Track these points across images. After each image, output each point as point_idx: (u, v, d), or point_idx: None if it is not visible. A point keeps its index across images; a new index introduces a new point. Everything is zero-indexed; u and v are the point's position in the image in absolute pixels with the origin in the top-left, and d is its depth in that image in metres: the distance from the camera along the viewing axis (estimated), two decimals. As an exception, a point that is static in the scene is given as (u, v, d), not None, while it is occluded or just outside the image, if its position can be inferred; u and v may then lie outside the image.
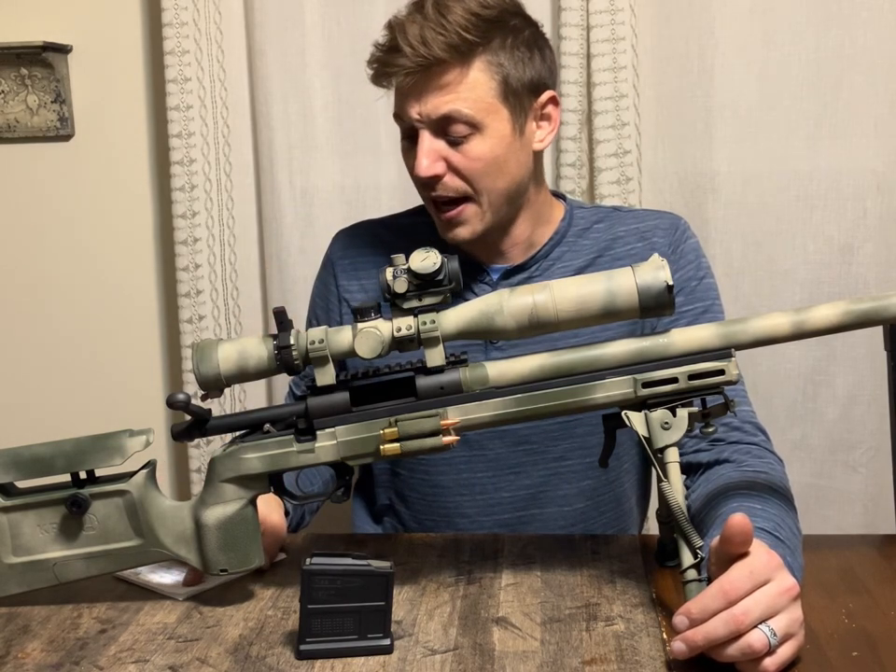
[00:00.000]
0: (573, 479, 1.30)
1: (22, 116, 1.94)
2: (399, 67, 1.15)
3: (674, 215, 1.33)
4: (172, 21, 1.79)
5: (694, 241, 1.30)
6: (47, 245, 2.00)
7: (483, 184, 1.20)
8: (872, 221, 1.72)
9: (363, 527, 1.41)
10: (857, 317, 0.95)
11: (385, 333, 0.97)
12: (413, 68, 1.15)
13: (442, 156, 1.19)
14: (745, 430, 1.19)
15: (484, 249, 1.29)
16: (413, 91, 1.17)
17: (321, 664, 0.90)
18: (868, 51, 1.67)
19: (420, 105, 1.17)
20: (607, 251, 1.29)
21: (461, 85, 1.16)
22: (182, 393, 0.97)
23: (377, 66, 1.19)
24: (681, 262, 1.27)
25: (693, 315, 1.24)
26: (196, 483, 1.92)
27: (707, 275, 1.29)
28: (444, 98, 1.16)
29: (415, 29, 1.15)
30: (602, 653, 0.90)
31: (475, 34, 1.15)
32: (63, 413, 2.01)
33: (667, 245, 1.28)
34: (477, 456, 1.29)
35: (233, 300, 1.90)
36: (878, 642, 0.91)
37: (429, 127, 1.18)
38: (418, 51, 1.14)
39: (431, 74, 1.16)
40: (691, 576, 0.91)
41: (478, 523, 1.31)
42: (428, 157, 1.18)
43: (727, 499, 1.04)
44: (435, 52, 1.14)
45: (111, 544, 1.02)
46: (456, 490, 1.30)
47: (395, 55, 1.15)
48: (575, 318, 0.96)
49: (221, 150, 1.85)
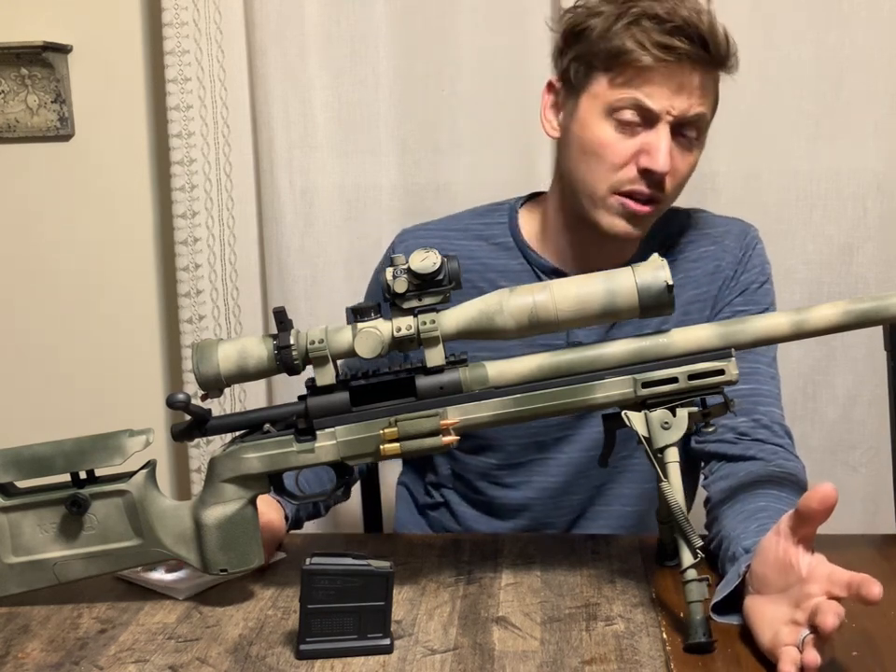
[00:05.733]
0: (637, 479, 1.30)
1: (22, 116, 1.94)
2: (679, 52, 1.10)
3: (744, 222, 1.33)
4: (172, 21, 1.78)
5: (761, 247, 1.31)
6: (47, 244, 1.99)
7: (675, 192, 1.19)
8: (872, 221, 1.72)
9: (405, 520, 1.40)
10: (857, 317, 0.96)
11: (385, 333, 0.97)
12: (697, 58, 1.11)
13: (672, 154, 1.15)
14: (773, 430, 1.19)
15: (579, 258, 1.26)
16: (675, 82, 1.12)
17: (321, 663, 0.90)
18: (868, 51, 1.67)
19: (678, 99, 1.13)
20: (679, 254, 1.28)
21: (711, 94, 1.16)
22: (182, 393, 0.97)
23: (646, 32, 1.11)
24: (748, 266, 1.28)
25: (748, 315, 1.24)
26: (196, 483, 1.92)
27: (768, 282, 1.30)
28: (701, 101, 1.14)
29: (707, 18, 1.11)
30: (602, 653, 0.90)
31: (736, 57, 1.16)
32: (63, 413, 2.00)
33: (738, 248, 1.28)
34: (550, 460, 1.29)
35: (233, 300, 1.90)
36: (878, 642, 0.91)
37: (671, 124, 1.14)
38: (714, 44, 1.11)
39: (703, 73, 1.13)
40: (691, 576, 0.92)
41: (544, 523, 1.31)
42: (669, 152, 1.14)
43: (755, 497, 1.04)
44: (721, 52, 1.13)
45: (111, 544, 1.02)
46: (527, 492, 1.30)
47: (680, 37, 1.10)
48: (575, 318, 0.96)
49: (221, 150, 1.85)
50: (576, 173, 1.19)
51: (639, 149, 1.14)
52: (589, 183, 1.18)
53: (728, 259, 1.28)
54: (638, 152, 1.14)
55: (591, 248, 1.25)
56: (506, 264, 1.27)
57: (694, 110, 1.14)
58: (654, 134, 1.14)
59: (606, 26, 1.13)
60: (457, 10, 1.74)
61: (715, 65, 1.14)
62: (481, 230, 1.31)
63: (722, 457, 1.18)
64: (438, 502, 1.37)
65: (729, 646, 0.91)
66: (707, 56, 1.12)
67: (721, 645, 0.90)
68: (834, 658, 0.88)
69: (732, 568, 0.96)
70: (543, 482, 1.30)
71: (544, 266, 1.27)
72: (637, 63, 1.11)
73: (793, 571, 0.86)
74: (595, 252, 1.25)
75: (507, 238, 1.29)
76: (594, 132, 1.16)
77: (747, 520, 1.01)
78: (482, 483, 1.32)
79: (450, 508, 1.36)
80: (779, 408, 1.23)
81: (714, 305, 1.27)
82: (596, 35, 1.14)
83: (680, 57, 1.11)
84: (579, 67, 1.17)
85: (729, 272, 1.27)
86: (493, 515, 1.33)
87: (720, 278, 1.27)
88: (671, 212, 1.31)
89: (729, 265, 1.27)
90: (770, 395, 1.22)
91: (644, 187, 1.15)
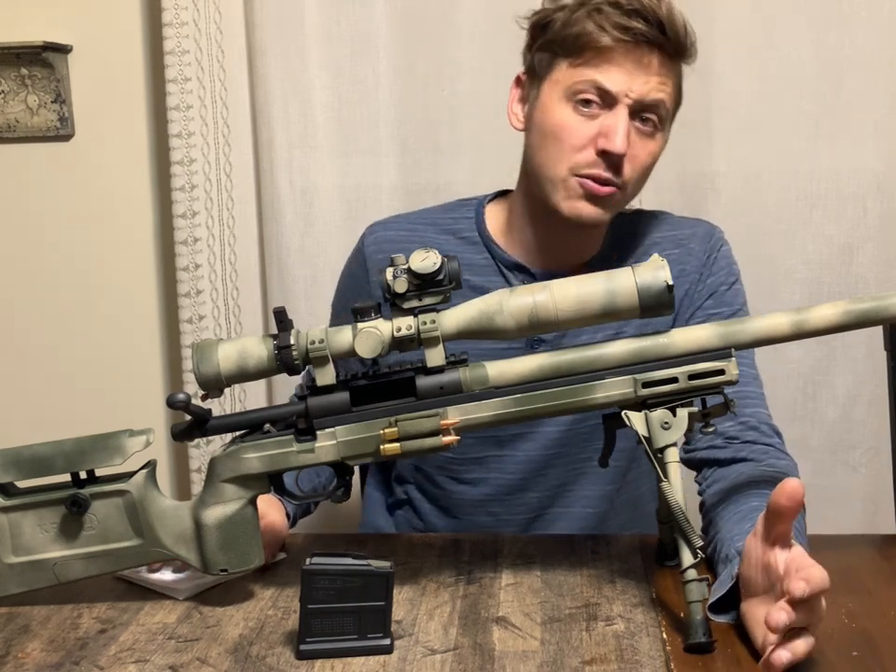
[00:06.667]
0: (599, 481, 1.30)
1: (22, 116, 1.94)
2: (637, 32, 1.12)
3: (710, 223, 1.33)
4: (172, 21, 1.78)
5: (727, 248, 1.31)
6: (47, 245, 1.99)
7: (635, 180, 1.19)
8: (872, 221, 1.72)
9: (375, 519, 1.40)
10: (857, 317, 0.96)
11: (385, 333, 0.97)
12: (654, 40, 1.13)
13: (630, 139, 1.16)
14: (761, 430, 1.19)
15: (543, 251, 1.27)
16: (633, 64, 1.14)
17: (321, 664, 0.90)
18: (868, 51, 1.67)
19: (636, 81, 1.14)
20: (645, 257, 1.28)
21: (671, 81, 1.17)
22: (182, 393, 0.97)
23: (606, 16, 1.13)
24: (714, 268, 1.28)
25: (719, 318, 1.24)
26: (196, 483, 1.92)
27: (737, 282, 1.29)
28: (661, 86, 1.16)
29: (665, 5, 1.14)
30: (602, 653, 0.90)
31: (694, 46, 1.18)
32: (63, 412, 2.00)
33: (703, 252, 1.28)
34: (508, 457, 1.29)
35: (233, 300, 1.90)
36: (878, 642, 0.91)
37: (630, 107, 1.15)
38: (672, 28, 1.13)
39: (661, 57, 1.15)
40: (691, 576, 0.92)
41: (503, 521, 1.30)
42: (627, 134, 1.15)
43: (749, 497, 1.04)
44: (679, 39, 1.15)
45: (111, 544, 1.02)
46: (484, 488, 1.30)
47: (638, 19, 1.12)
48: (575, 318, 0.96)
49: (221, 150, 1.85)
50: (537, 158, 1.20)
51: (598, 132, 1.16)
52: (549, 166, 1.19)
53: (693, 262, 1.27)
54: (597, 135, 1.16)
55: (555, 242, 1.26)
56: (471, 258, 1.27)
57: (653, 95, 1.15)
58: (613, 116, 1.15)
59: (569, 15, 1.16)
60: (457, 10, 1.74)
61: (673, 51, 1.16)
62: (448, 224, 1.32)
63: (714, 463, 1.18)
64: (402, 500, 1.37)
65: (729, 646, 0.91)
66: (665, 39, 1.14)
67: (720, 645, 0.90)
68: (834, 658, 0.88)
69: (725, 570, 0.96)
70: (500, 478, 1.30)
71: (507, 261, 1.27)
72: (595, 43, 1.14)
73: (773, 570, 0.87)
74: (559, 246, 1.26)
75: (473, 233, 1.30)
76: (554, 115, 1.18)
77: (741, 521, 1.01)
78: (441, 478, 1.32)
79: (413, 505, 1.36)
80: (765, 407, 1.23)
81: (680, 310, 1.26)
82: (559, 25, 1.17)
83: (637, 38, 1.13)
84: (542, 56, 1.20)
85: (694, 275, 1.27)
86: (452, 511, 1.33)
87: (685, 282, 1.26)
88: (635, 214, 1.33)
89: (694, 269, 1.27)
90: (755, 396, 1.22)
91: (602, 170, 1.16)
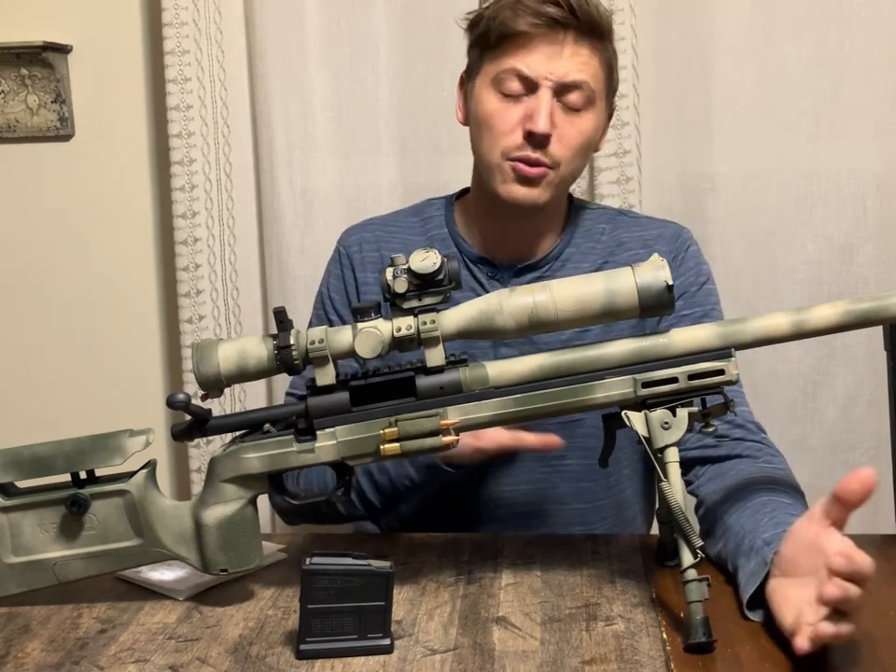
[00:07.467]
0: (571, 478, 1.30)
1: (22, 116, 1.94)
2: (550, 16, 1.17)
3: (678, 224, 1.35)
4: (172, 21, 1.78)
5: (695, 248, 1.32)
6: (46, 245, 1.99)
7: (568, 159, 1.22)
8: (872, 221, 1.72)
9: (362, 525, 1.41)
10: (857, 317, 0.96)
11: (385, 333, 0.97)
12: (567, 22, 1.17)
13: (555, 120, 1.20)
14: (748, 428, 1.20)
15: (502, 242, 1.29)
16: (550, 48, 1.19)
17: (321, 663, 0.90)
18: (868, 51, 1.67)
19: (554, 63, 1.19)
20: (612, 256, 1.30)
21: (593, 60, 1.21)
22: (182, 393, 0.97)
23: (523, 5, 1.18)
24: (682, 269, 1.29)
25: (691, 319, 1.25)
26: (196, 483, 1.92)
27: (709, 282, 1.30)
28: (580, 66, 1.19)
29: None
30: (602, 653, 0.90)
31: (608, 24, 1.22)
32: (63, 412, 2.00)
33: (668, 252, 1.28)
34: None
35: (233, 300, 1.90)
36: (878, 642, 0.91)
37: (553, 88, 1.19)
38: (582, 9, 1.17)
39: (576, 37, 1.19)
40: (691, 576, 0.92)
41: (480, 517, 1.30)
42: (550, 115, 1.18)
43: (755, 493, 1.05)
44: (592, 18, 1.18)
45: (111, 544, 1.02)
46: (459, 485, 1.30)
47: (551, 5, 1.17)
48: (575, 318, 0.96)
49: (221, 150, 1.85)
50: (477, 148, 1.26)
51: (524, 115, 1.20)
52: (486, 154, 1.24)
53: None
54: (523, 118, 1.20)
55: (510, 233, 1.29)
56: None
57: (573, 76, 1.19)
58: (536, 99, 1.19)
59: (494, 11, 1.21)
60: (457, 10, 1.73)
61: (588, 30, 1.19)
62: (420, 224, 1.36)
63: (706, 461, 1.19)
64: None
65: (729, 646, 0.91)
66: (577, 21, 1.18)
67: (720, 645, 0.90)
68: (835, 658, 0.88)
69: (755, 560, 0.96)
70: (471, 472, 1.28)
71: (470, 254, 1.31)
72: (512, 31, 1.19)
73: (821, 554, 0.86)
74: (515, 236, 1.29)
75: (442, 229, 1.33)
76: (484, 105, 1.23)
77: (756, 514, 1.02)
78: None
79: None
80: (747, 405, 1.25)
81: None
82: (484, 21, 1.23)
83: (551, 22, 1.17)
84: (474, 52, 1.27)
85: None
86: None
87: None
88: (602, 210, 1.35)
89: None
90: (738, 394, 1.22)
91: (530, 151, 1.20)
